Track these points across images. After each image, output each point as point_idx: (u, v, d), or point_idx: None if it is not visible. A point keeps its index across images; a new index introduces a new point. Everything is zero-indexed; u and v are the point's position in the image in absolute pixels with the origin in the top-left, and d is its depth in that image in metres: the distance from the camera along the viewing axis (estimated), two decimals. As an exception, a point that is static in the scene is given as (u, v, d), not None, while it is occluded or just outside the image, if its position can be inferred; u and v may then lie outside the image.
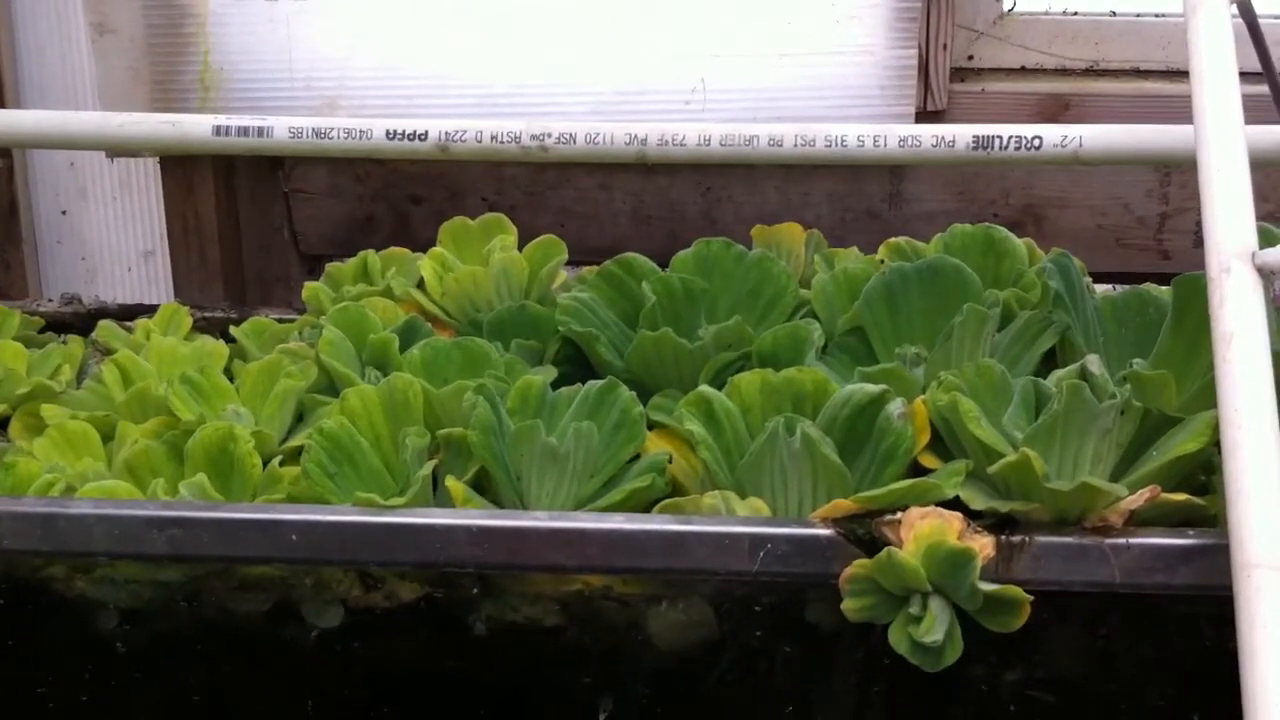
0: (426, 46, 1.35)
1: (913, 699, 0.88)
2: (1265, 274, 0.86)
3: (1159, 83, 1.40)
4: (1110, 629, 0.86)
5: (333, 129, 1.20)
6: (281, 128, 1.20)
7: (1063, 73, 1.42)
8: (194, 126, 1.21)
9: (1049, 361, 1.02)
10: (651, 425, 0.99)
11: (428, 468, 0.90)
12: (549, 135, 1.19)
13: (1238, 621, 0.75)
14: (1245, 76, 1.09)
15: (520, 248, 1.18)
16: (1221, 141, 0.93)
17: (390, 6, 1.34)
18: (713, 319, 1.09)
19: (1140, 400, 0.90)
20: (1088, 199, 1.38)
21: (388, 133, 1.20)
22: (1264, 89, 1.11)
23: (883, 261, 1.13)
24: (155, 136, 1.22)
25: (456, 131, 1.19)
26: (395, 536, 0.84)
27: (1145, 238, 1.38)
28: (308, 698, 0.91)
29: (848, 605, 0.82)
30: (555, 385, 1.00)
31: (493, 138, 1.20)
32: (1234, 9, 1.03)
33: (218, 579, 0.88)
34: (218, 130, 1.21)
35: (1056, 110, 1.36)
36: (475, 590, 0.87)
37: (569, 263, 1.22)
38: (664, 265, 1.13)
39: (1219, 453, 0.81)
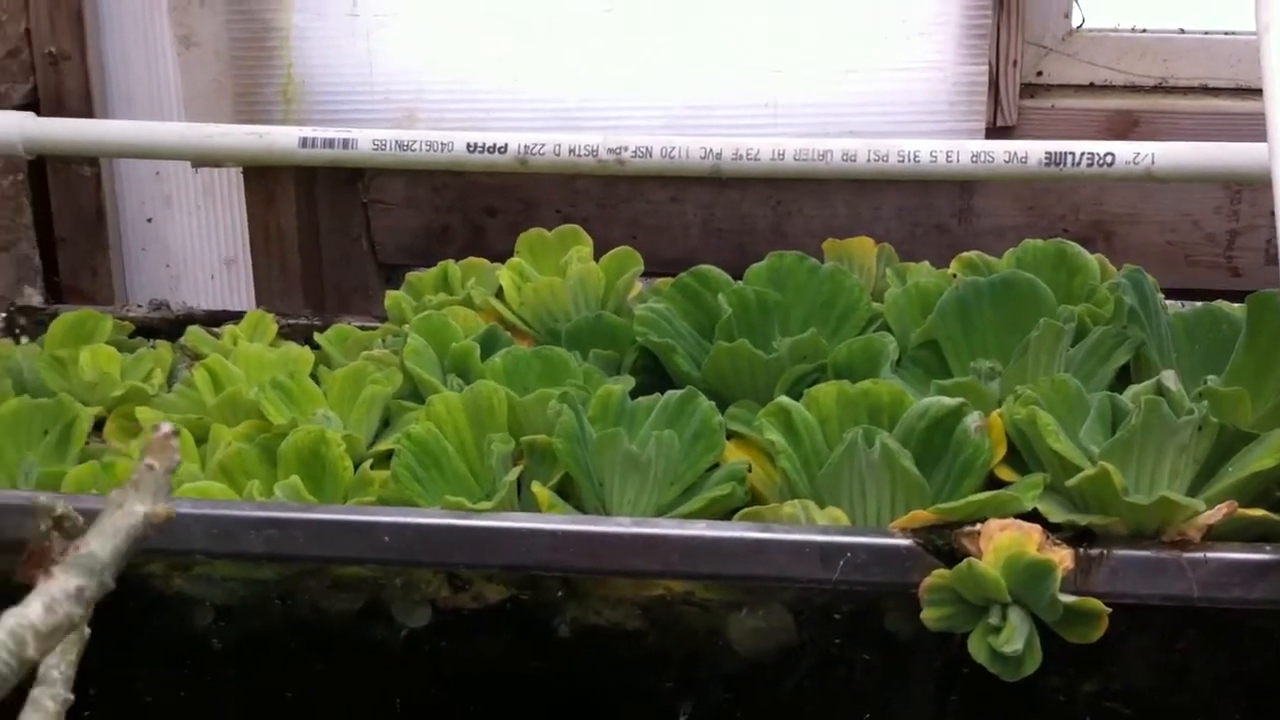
0: (501, 60, 1.37)
1: (989, 708, 0.89)
2: (1342, 293, 0.87)
3: (1228, 100, 1.40)
4: (1187, 643, 0.87)
5: (415, 141, 1.23)
6: (365, 140, 1.23)
7: (1131, 89, 1.42)
8: (280, 138, 1.25)
9: (1122, 377, 1.03)
10: (730, 435, 1.01)
11: (514, 473, 0.92)
12: (625, 149, 1.21)
13: (1316, 636, 0.76)
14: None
15: (595, 258, 1.21)
16: (1298, 161, 0.94)
17: (467, 21, 1.37)
18: (786, 331, 1.11)
19: (1216, 416, 0.91)
20: (1157, 215, 1.38)
21: (468, 145, 1.22)
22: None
23: (955, 276, 1.14)
24: (243, 147, 1.25)
25: (535, 145, 1.22)
26: (484, 539, 0.87)
27: (1215, 254, 1.39)
28: (395, 696, 0.94)
29: (927, 614, 0.83)
30: (634, 394, 1.02)
31: (570, 151, 1.22)
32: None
33: (311, 578, 0.91)
34: (304, 142, 1.24)
35: (1125, 127, 1.37)
36: (560, 593, 0.89)
37: (641, 274, 1.24)
38: (733, 277, 1.15)
39: (1297, 469, 0.82)
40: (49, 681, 0.49)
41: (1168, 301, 1.14)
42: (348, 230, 1.45)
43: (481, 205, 1.43)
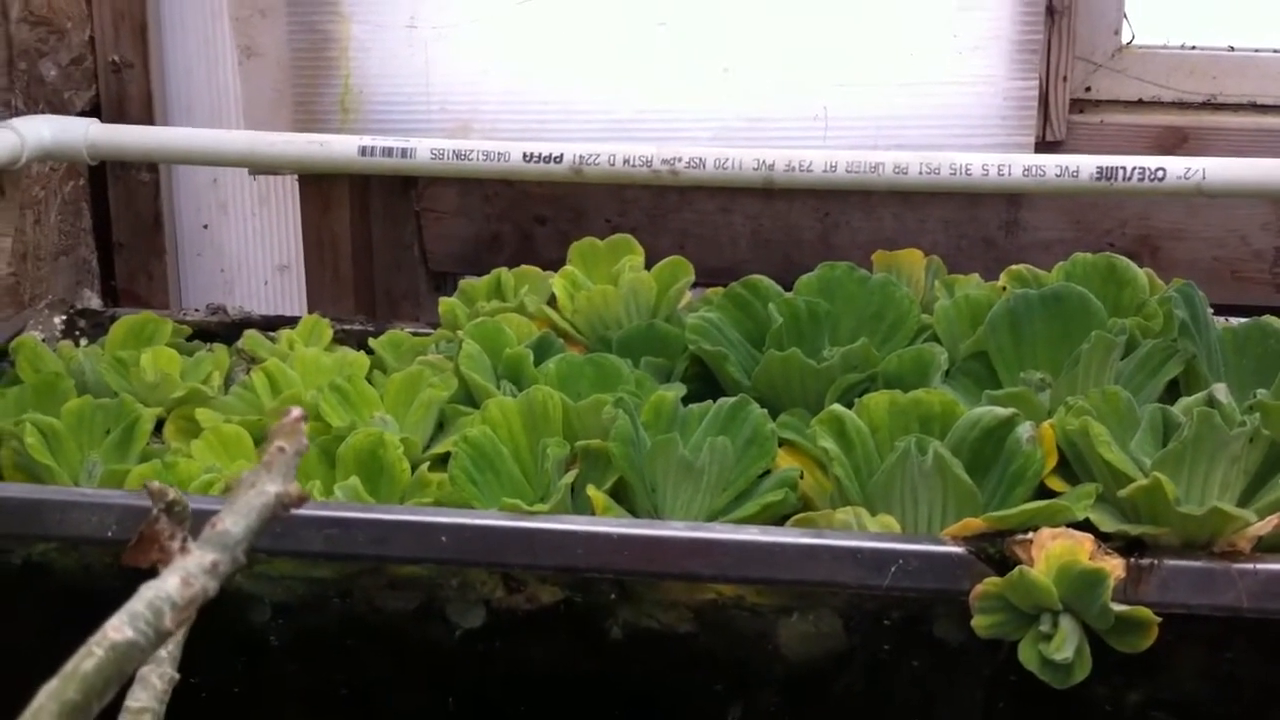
0: (555, 71, 1.39)
1: (1037, 715, 0.90)
2: (1395, 308, 0.88)
3: (1276, 117, 1.40)
4: (1236, 653, 0.87)
5: (472, 150, 1.25)
6: (424, 149, 1.25)
7: (1180, 106, 1.43)
8: (340, 147, 1.27)
9: (1172, 390, 1.04)
10: (781, 442, 1.02)
11: (569, 476, 0.93)
12: (679, 160, 1.23)
13: (1369, 648, 0.76)
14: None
15: (646, 267, 1.22)
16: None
17: (522, 34, 1.39)
18: (835, 341, 1.13)
19: (1267, 429, 0.91)
20: (1204, 231, 1.39)
21: (524, 155, 1.24)
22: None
23: (1004, 288, 1.15)
24: (304, 156, 1.27)
25: (590, 155, 1.24)
26: (539, 541, 0.88)
27: (1261, 271, 1.39)
28: (449, 695, 0.95)
29: (978, 622, 0.84)
30: (686, 402, 1.04)
31: (625, 161, 1.24)
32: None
33: (369, 577, 0.93)
34: (363, 150, 1.26)
35: (1174, 143, 1.38)
36: (613, 595, 0.90)
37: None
38: (780, 288, 1.16)
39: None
40: (157, 660, 0.51)
41: (1214, 316, 1.14)
42: (400, 238, 1.47)
43: (532, 214, 1.45)
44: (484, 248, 1.46)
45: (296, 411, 0.50)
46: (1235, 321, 1.11)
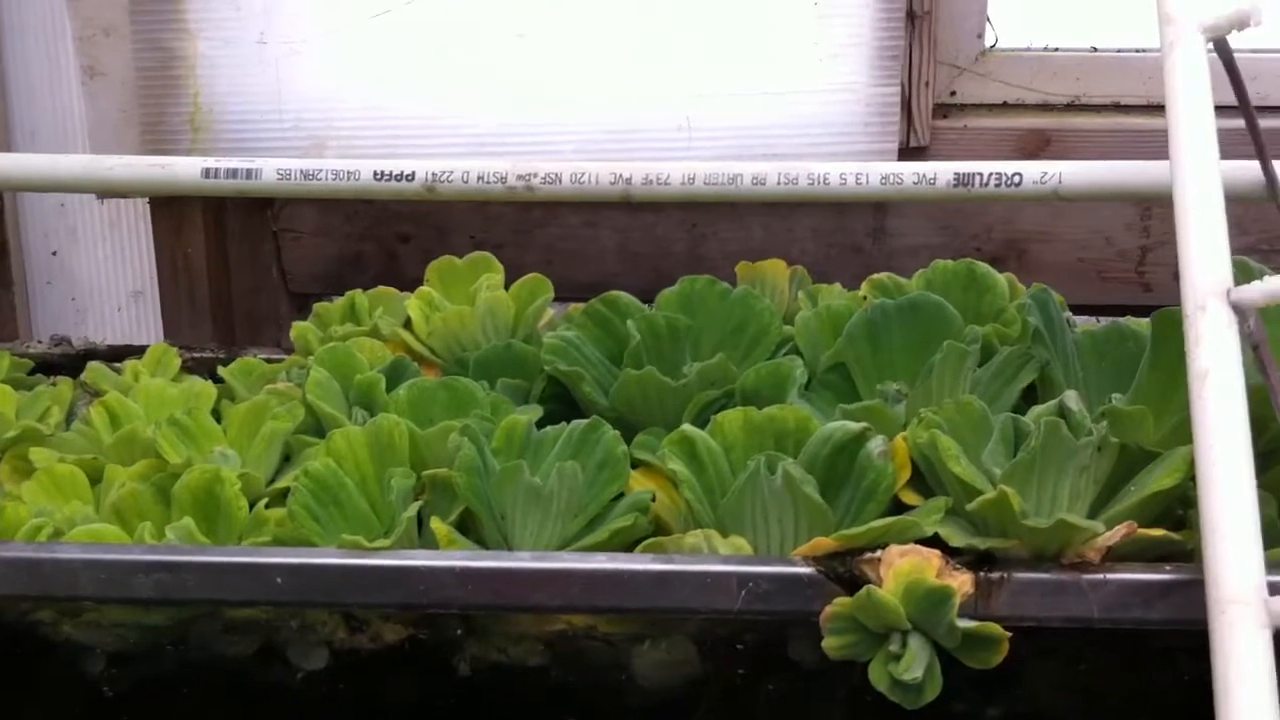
0: (414, 87, 1.36)
1: (895, 736, 0.88)
2: (1240, 311, 0.87)
3: (1140, 118, 1.41)
4: (1090, 664, 0.86)
5: (320, 170, 1.21)
6: (270, 169, 1.21)
7: (1045, 108, 1.43)
8: (183, 169, 1.22)
9: (1030, 396, 1.03)
10: (638, 463, 1.00)
11: (413, 509, 0.90)
12: (534, 175, 1.20)
13: (1212, 657, 0.76)
14: (1227, 110, 1.11)
15: (508, 285, 1.19)
16: (1197, 179, 0.95)
17: (377, 48, 1.36)
18: (697, 356, 1.10)
19: (1118, 436, 0.90)
20: (1070, 233, 1.39)
21: (375, 173, 1.21)
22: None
23: (865, 298, 1.14)
24: (145, 179, 1.23)
25: (443, 172, 1.20)
26: (380, 578, 0.85)
27: (1127, 271, 1.39)
28: (294, 739, 0.92)
29: (829, 643, 0.82)
30: (543, 424, 1.01)
31: (479, 178, 1.21)
32: (1210, 46, 1.04)
33: (204, 622, 0.89)
34: (206, 172, 1.22)
35: (1038, 145, 1.38)
36: (459, 631, 0.87)
37: (556, 299, 1.23)
38: (651, 302, 1.14)
39: (1196, 488, 0.82)
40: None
41: (1081, 318, 1.14)
42: (258, 260, 1.43)
43: (395, 232, 1.42)
44: (347, 267, 1.43)
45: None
46: (1095, 325, 1.10)
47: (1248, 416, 0.83)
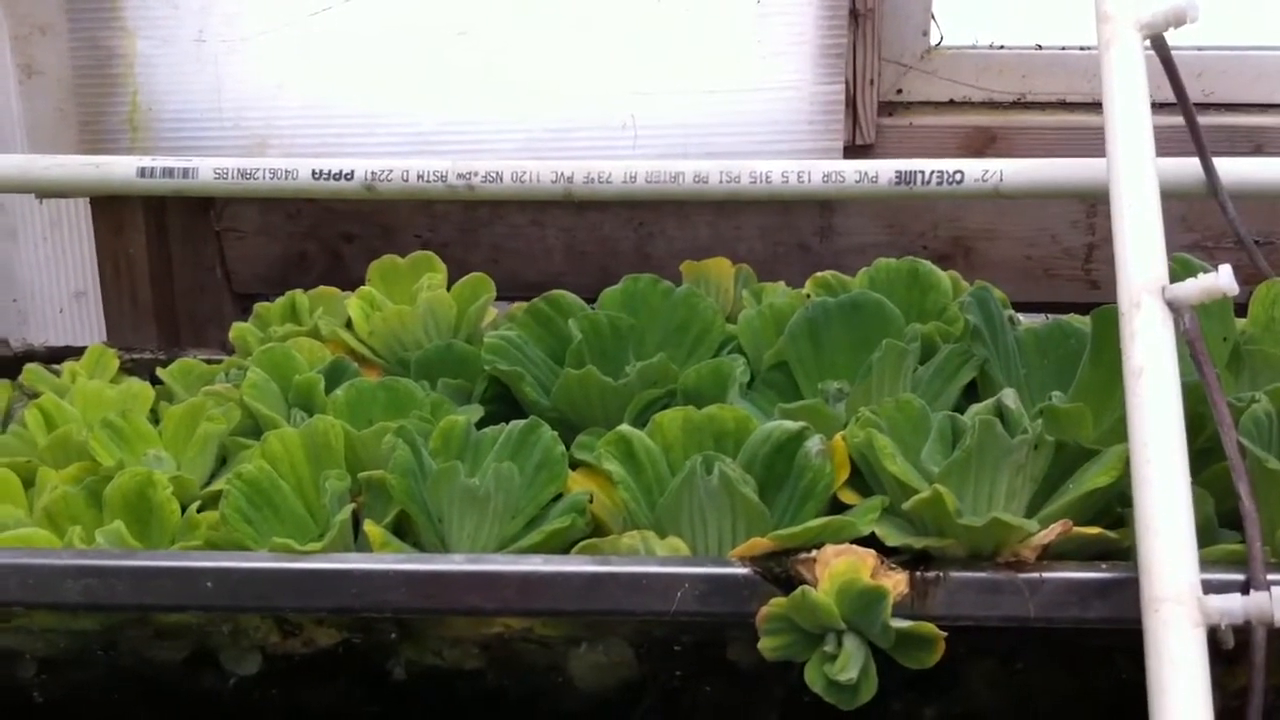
0: (355, 85, 1.35)
1: (833, 736, 0.88)
2: (1175, 308, 0.87)
3: (1085, 115, 1.41)
4: (1028, 663, 0.86)
5: (258, 169, 1.19)
6: (206, 169, 1.20)
7: (990, 106, 1.43)
8: (118, 168, 1.21)
9: (971, 394, 1.03)
10: (578, 464, 1.00)
11: (345, 511, 0.89)
12: (475, 174, 1.19)
13: (1146, 656, 0.76)
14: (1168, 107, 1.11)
15: (453, 284, 1.18)
16: (1132, 175, 0.95)
17: (318, 46, 1.34)
18: (641, 355, 1.10)
19: (1056, 434, 0.90)
20: (1016, 230, 1.39)
21: (313, 172, 1.19)
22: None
23: (809, 296, 1.14)
24: (80, 179, 1.21)
25: (383, 171, 1.19)
26: (311, 582, 0.84)
27: (1073, 268, 1.40)
28: (227, 746, 0.90)
29: (764, 644, 0.82)
30: (485, 424, 1.00)
31: (419, 177, 1.20)
32: (1147, 43, 1.04)
33: (134, 627, 0.87)
34: (142, 172, 1.20)
35: (983, 143, 1.38)
36: (393, 635, 0.86)
37: (502, 299, 1.22)
38: (597, 301, 1.13)
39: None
40: None
41: (1028, 316, 1.14)
42: (201, 260, 1.41)
43: (339, 231, 1.40)
44: (290, 267, 1.41)
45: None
46: (1037, 322, 1.10)
47: (1182, 413, 0.84)
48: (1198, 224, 1.37)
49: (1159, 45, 1.08)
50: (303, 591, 0.84)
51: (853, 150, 1.36)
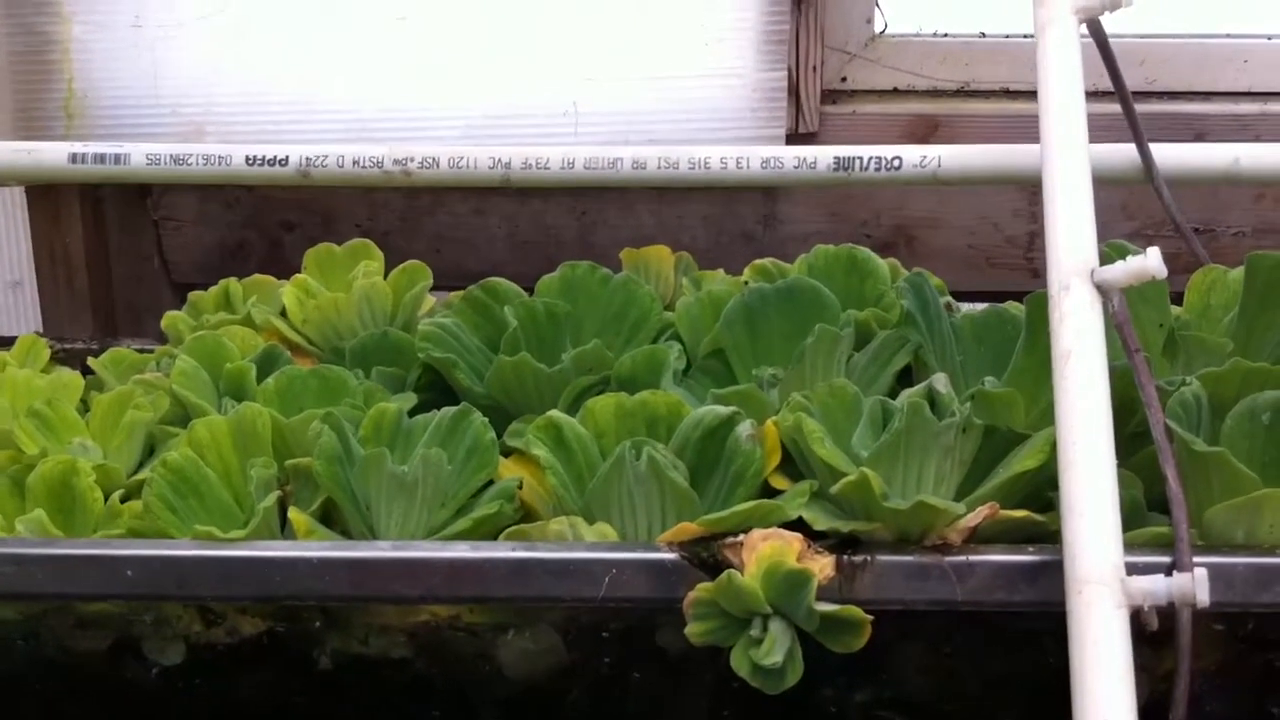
0: (294, 71, 1.33)
1: (763, 721, 0.88)
2: (1104, 291, 0.87)
3: (1027, 103, 1.41)
4: (956, 646, 0.86)
5: (191, 155, 1.18)
6: (139, 154, 1.18)
7: (934, 94, 1.43)
8: (49, 154, 1.19)
9: (906, 380, 1.02)
10: (512, 451, 0.99)
11: (270, 499, 0.88)
12: (411, 159, 1.18)
13: (1069, 637, 0.75)
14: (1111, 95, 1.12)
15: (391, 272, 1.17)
16: (1063, 160, 0.95)
17: (256, 32, 1.33)
18: (578, 343, 1.09)
19: (988, 418, 0.90)
20: (958, 219, 1.39)
21: (247, 158, 1.18)
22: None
23: (747, 283, 1.13)
24: (9, 165, 1.19)
25: (318, 156, 1.18)
26: (233, 570, 0.83)
27: (1015, 256, 1.40)
28: (151, 737, 0.89)
29: (691, 629, 0.81)
30: (420, 412, 0.99)
31: (354, 162, 1.18)
32: (1084, 29, 1.04)
33: (55, 616, 0.86)
34: (74, 158, 1.19)
35: (926, 131, 1.38)
36: (318, 623, 0.85)
37: (445, 288, 1.21)
38: (526, 290, 1.12)
39: (1058, 468, 0.82)
40: None
41: (972, 304, 1.14)
42: (139, 249, 1.39)
43: (278, 220, 1.39)
44: (229, 256, 1.40)
45: None
46: (975, 309, 1.10)
47: (1109, 396, 0.83)
48: (1138, 212, 1.37)
49: (1095, 30, 1.09)
50: (224, 579, 0.83)
51: (796, 138, 1.36)
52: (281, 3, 1.32)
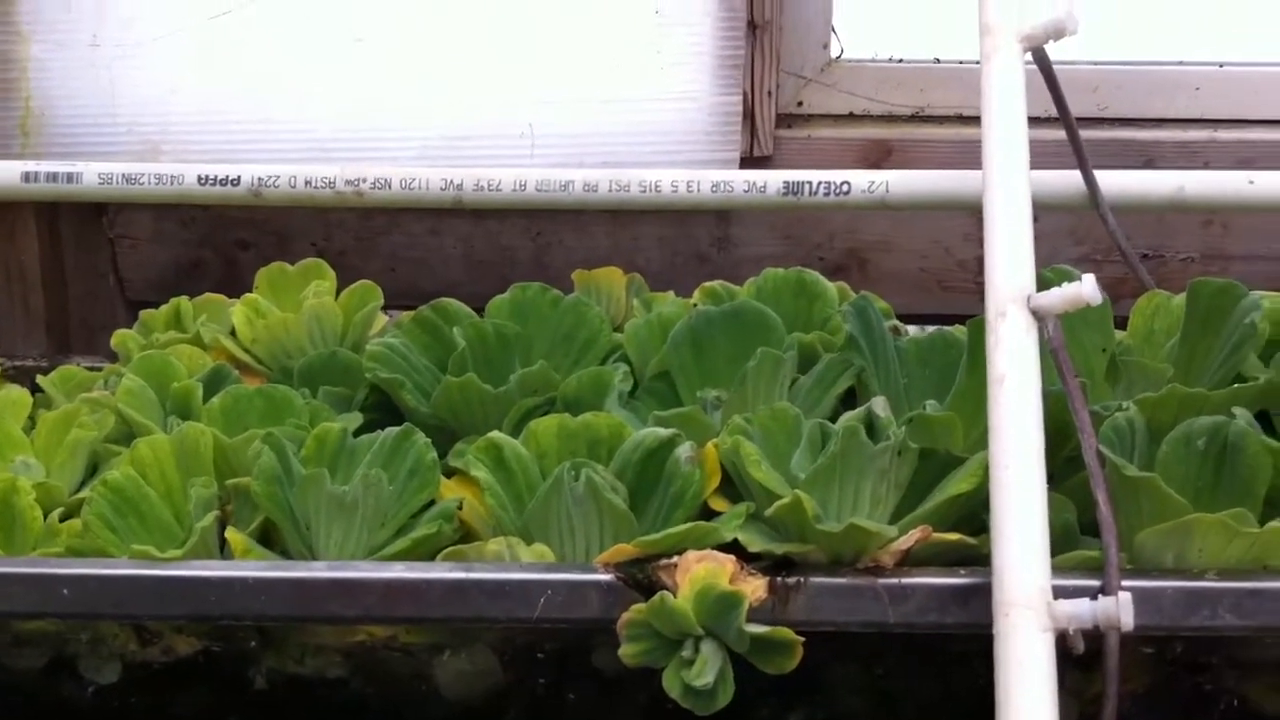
0: (251, 91, 1.34)
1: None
2: (1040, 316, 0.88)
3: (980, 128, 1.42)
4: (888, 667, 0.87)
5: (143, 174, 1.18)
6: (91, 173, 1.19)
7: (888, 119, 1.44)
8: (2, 173, 1.19)
9: (850, 403, 1.03)
10: (455, 471, 0.99)
11: (208, 518, 0.88)
12: (364, 180, 1.19)
13: (995, 659, 0.76)
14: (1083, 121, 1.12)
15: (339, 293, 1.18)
16: (1005, 186, 0.96)
17: (212, 51, 1.33)
18: (527, 364, 1.09)
19: (927, 442, 0.91)
20: (910, 243, 1.40)
21: (200, 178, 1.19)
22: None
23: (695, 305, 1.14)
24: (-38, 183, 1.20)
25: (270, 176, 1.19)
26: (169, 589, 0.83)
27: (966, 280, 1.41)
28: (87, 756, 0.89)
29: (625, 650, 0.82)
30: (367, 432, 0.99)
31: (307, 183, 1.19)
32: (1028, 56, 1.05)
33: (-10, 635, 0.86)
34: (27, 176, 1.19)
35: (880, 156, 1.39)
36: (254, 643, 0.86)
37: (399, 307, 1.22)
38: (477, 311, 1.13)
39: (991, 492, 0.82)
40: None
41: (917, 328, 1.15)
42: (94, 266, 1.40)
43: (233, 239, 1.39)
44: (184, 275, 1.40)
45: None
46: (920, 333, 1.11)
47: (1042, 421, 0.84)
48: (1086, 237, 1.39)
49: (1040, 58, 1.10)
50: (160, 599, 0.83)
51: (750, 162, 1.36)
52: (239, 23, 1.33)
